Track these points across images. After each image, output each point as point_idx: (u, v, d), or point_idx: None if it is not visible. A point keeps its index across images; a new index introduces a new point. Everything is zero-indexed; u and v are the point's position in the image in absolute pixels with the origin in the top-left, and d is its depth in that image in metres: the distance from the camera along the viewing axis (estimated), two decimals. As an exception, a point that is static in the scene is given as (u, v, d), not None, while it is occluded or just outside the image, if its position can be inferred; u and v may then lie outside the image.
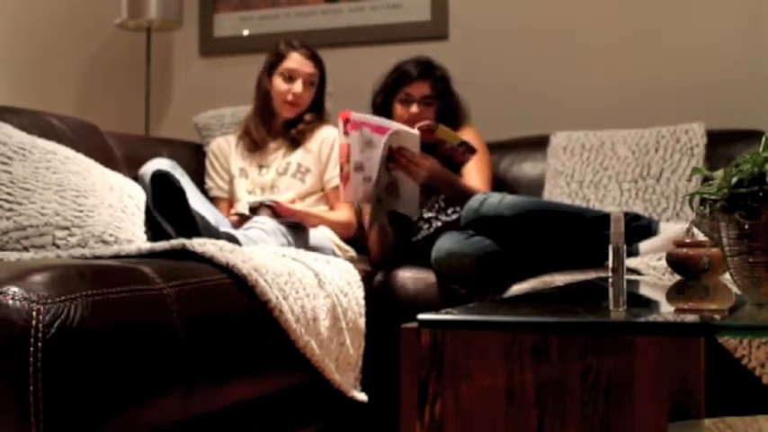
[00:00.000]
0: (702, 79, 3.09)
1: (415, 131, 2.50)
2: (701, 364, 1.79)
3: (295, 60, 2.88)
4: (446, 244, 2.38)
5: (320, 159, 2.87)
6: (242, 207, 2.72)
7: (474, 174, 2.78)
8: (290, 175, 2.85)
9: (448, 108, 2.88)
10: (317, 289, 1.95)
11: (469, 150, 2.62)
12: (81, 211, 1.91)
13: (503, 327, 1.02)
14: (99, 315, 1.34)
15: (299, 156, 2.87)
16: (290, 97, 2.86)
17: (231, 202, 2.91)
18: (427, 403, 1.00)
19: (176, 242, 1.79)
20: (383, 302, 2.35)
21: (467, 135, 2.85)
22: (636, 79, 3.18)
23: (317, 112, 2.94)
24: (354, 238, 2.80)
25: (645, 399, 1.10)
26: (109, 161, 2.39)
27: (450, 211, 2.73)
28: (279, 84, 2.88)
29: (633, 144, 2.83)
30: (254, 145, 2.90)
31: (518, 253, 2.35)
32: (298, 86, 2.86)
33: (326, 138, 2.88)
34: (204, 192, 2.89)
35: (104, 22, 3.64)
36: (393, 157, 2.48)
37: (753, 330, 1.16)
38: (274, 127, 2.94)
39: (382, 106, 2.90)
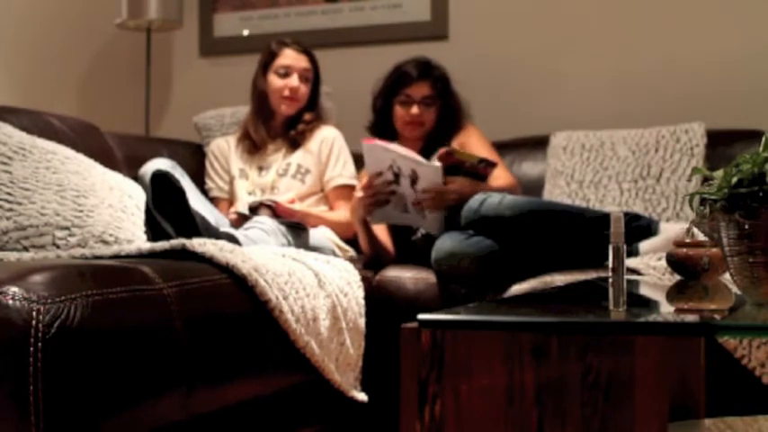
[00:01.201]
0: (702, 79, 3.09)
1: (437, 164, 2.52)
2: (700, 364, 1.79)
3: (288, 56, 2.88)
4: (446, 244, 2.37)
5: (320, 160, 2.86)
6: (242, 206, 2.72)
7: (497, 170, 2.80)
8: (291, 176, 2.85)
9: (448, 108, 2.88)
10: (317, 289, 1.95)
11: (490, 165, 2.62)
12: (81, 211, 1.91)
13: (503, 327, 1.02)
14: (99, 315, 1.34)
15: (298, 157, 2.87)
16: (286, 92, 2.86)
17: (231, 202, 2.91)
18: (427, 403, 1.00)
19: (176, 242, 1.79)
20: (383, 302, 2.35)
21: (469, 134, 2.86)
22: (636, 79, 3.18)
23: (314, 110, 2.94)
24: (354, 238, 2.80)
25: (645, 399, 1.10)
26: (109, 161, 2.39)
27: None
28: (274, 81, 2.87)
29: (633, 144, 2.83)
30: (254, 147, 2.90)
31: (518, 253, 2.35)
32: (294, 80, 2.86)
33: (326, 138, 2.88)
34: (204, 192, 2.89)
35: (104, 22, 3.64)
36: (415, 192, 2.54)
37: (753, 330, 1.16)
38: (273, 127, 2.93)
39: (382, 109, 2.89)
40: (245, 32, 3.70)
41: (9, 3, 3.39)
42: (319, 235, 2.63)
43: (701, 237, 1.53)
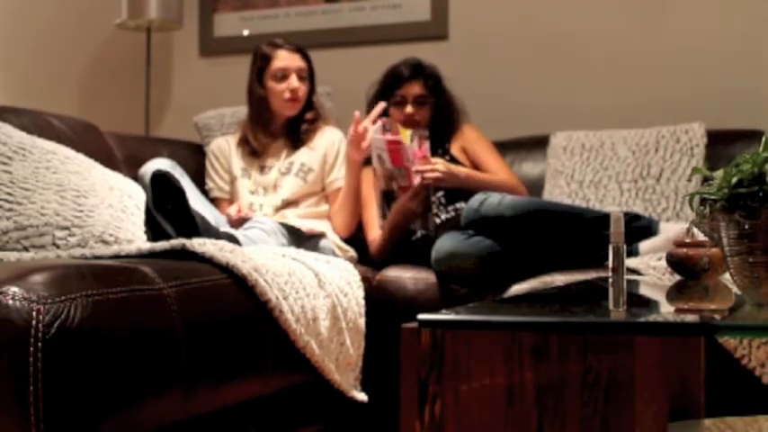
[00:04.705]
0: (702, 79, 3.09)
1: (375, 125, 2.61)
2: (700, 364, 1.79)
3: (283, 58, 2.87)
4: (447, 244, 2.37)
5: (325, 161, 2.86)
6: (245, 205, 2.73)
7: (492, 163, 2.81)
8: (293, 174, 2.84)
9: (442, 106, 2.88)
10: (317, 289, 1.95)
11: (422, 137, 2.63)
12: (81, 211, 1.91)
13: (503, 327, 1.02)
14: (99, 315, 1.34)
15: (302, 155, 2.86)
16: (287, 95, 2.85)
17: (232, 202, 2.90)
18: (427, 403, 1.00)
19: (176, 242, 1.79)
20: (383, 302, 2.35)
21: (467, 133, 2.88)
22: (636, 79, 3.18)
23: (313, 108, 2.94)
24: (354, 237, 2.80)
25: (645, 399, 1.10)
26: (109, 161, 2.39)
27: (450, 207, 2.73)
28: (273, 85, 2.86)
29: (633, 144, 2.83)
30: (254, 152, 2.90)
31: (518, 253, 2.35)
32: (293, 81, 2.85)
33: (333, 140, 2.88)
34: (204, 192, 2.89)
35: (104, 22, 3.64)
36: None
37: (753, 330, 1.16)
38: (274, 129, 2.93)
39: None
40: (245, 32, 3.69)
41: (9, 2, 3.39)
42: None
43: (701, 237, 1.53)
